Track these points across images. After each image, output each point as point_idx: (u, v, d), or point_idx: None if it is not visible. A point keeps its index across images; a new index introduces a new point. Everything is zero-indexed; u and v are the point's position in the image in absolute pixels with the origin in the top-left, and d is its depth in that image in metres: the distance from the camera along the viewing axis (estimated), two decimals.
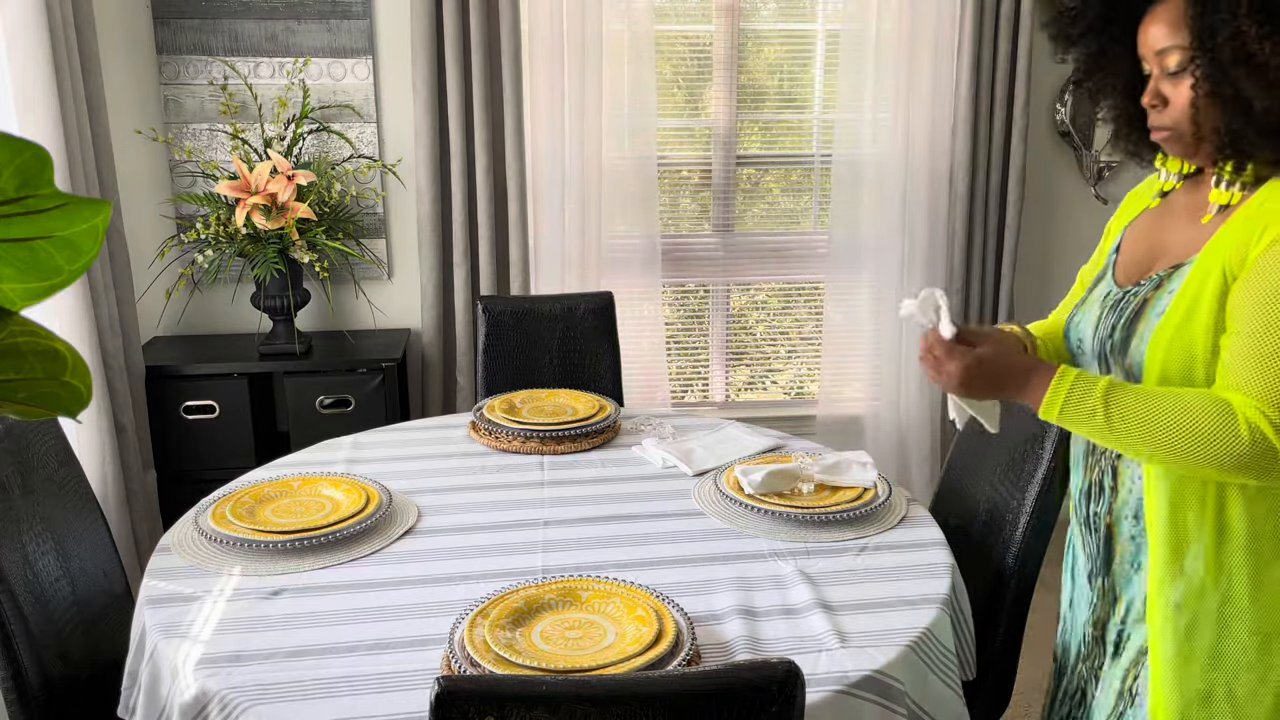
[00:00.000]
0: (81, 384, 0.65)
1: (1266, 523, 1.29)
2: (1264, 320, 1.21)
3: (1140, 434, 1.25)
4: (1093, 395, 1.28)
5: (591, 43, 3.14)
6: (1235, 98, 1.21)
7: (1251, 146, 1.23)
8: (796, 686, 1.10)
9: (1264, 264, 1.21)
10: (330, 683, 1.38)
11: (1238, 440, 1.20)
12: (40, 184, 0.57)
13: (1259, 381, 1.20)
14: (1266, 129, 1.21)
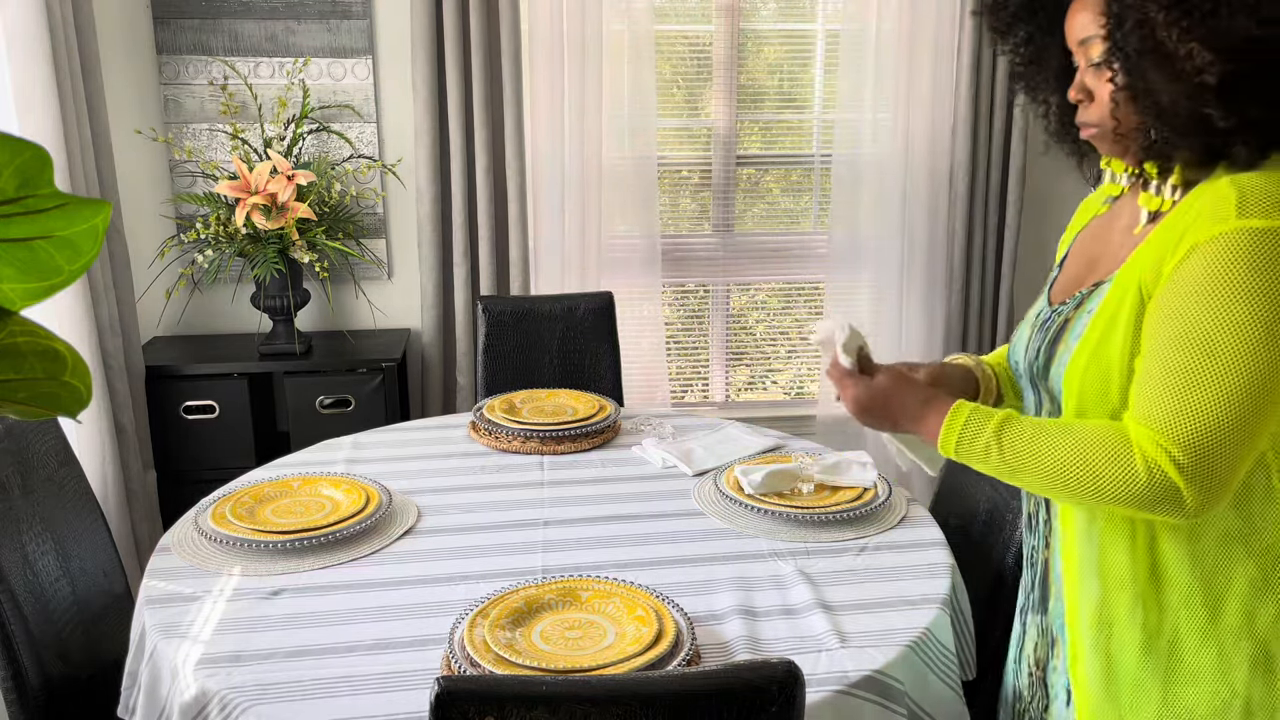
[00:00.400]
0: (81, 384, 0.65)
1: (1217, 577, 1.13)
2: (1173, 342, 1.08)
3: (1036, 472, 1.14)
4: (985, 431, 1.18)
5: (591, 43, 3.14)
6: (1145, 91, 1.09)
7: (1168, 145, 1.11)
8: (797, 686, 1.10)
9: (1177, 278, 1.09)
10: (330, 683, 1.38)
11: (1134, 478, 1.07)
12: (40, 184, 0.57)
13: (1163, 411, 1.07)
14: (1180, 126, 1.09)
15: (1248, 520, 1.11)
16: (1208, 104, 1.06)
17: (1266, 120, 1.06)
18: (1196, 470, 1.05)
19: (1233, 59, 1.03)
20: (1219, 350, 1.04)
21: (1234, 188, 1.06)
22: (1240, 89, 1.04)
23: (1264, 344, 1.03)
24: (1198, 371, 1.05)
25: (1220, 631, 1.12)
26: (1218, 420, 1.04)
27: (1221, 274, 1.05)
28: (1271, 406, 1.05)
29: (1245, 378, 1.03)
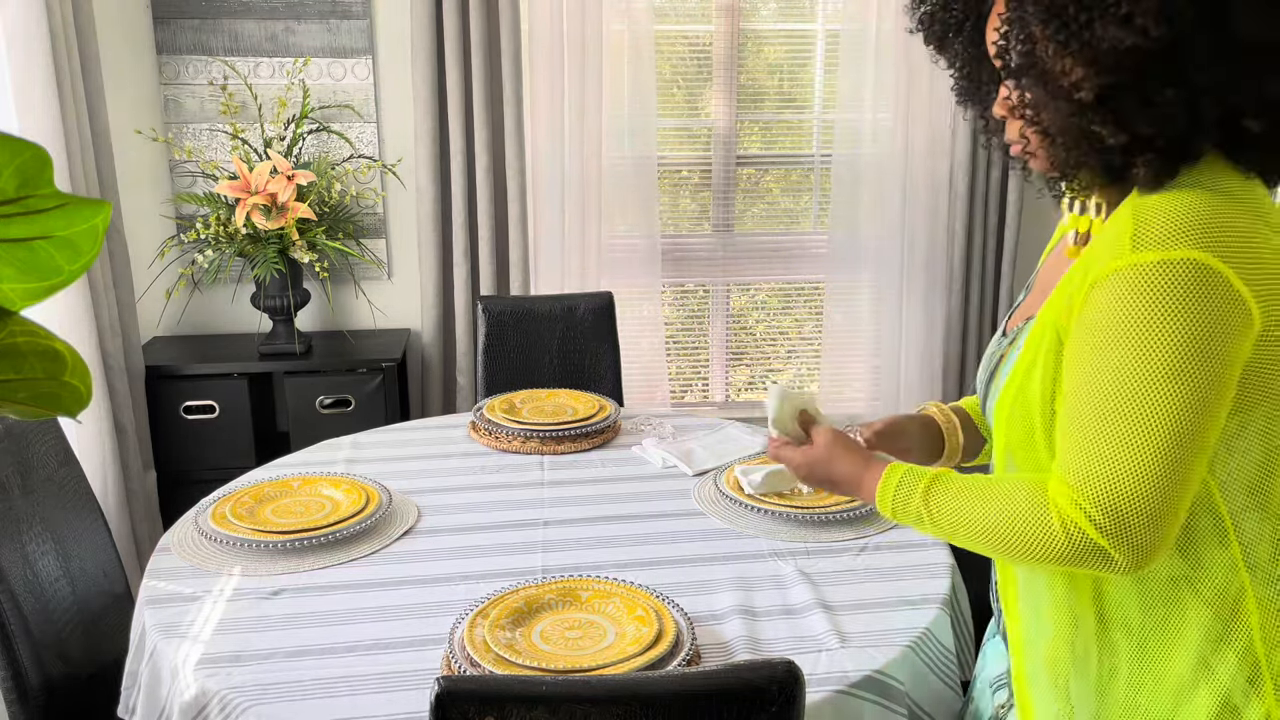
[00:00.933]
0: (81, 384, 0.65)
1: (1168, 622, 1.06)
2: (1079, 391, 1.02)
3: (966, 534, 1.10)
4: (916, 495, 1.14)
5: (591, 43, 3.14)
6: (1034, 109, 1.04)
7: (1068, 165, 1.05)
8: (797, 686, 1.10)
9: (1081, 320, 1.02)
10: (330, 683, 1.38)
11: (1054, 540, 1.01)
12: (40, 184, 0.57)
13: (1076, 467, 1.00)
14: (1072, 144, 1.02)
15: (1195, 564, 1.04)
16: (1093, 121, 1.00)
17: (1159, 136, 0.99)
18: (1116, 529, 0.98)
19: (1107, 73, 0.97)
20: (1124, 400, 0.98)
21: (1132, 217, 0.99)
22: (1121, 104, 0.98)
23: (1171, 388, 0.96)
24: (1105, 424, 0.99)
25: (1176, 680, 1.05)
26: (1130, 476, 0.97)
27: (1118, 315, 0.98)
28: (1192, 450, 0.97)
29: (1155, 427, 0.97)
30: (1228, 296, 0.95)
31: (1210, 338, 0.95)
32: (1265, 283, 0.97)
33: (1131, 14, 0.94)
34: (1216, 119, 0.99)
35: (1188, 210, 0.97)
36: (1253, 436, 1.02)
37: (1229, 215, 0.97)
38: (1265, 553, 1.04)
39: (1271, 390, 1.01)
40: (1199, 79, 0.96)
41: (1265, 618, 1.04)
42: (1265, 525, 1.04)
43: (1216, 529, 1.04)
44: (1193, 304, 0.95)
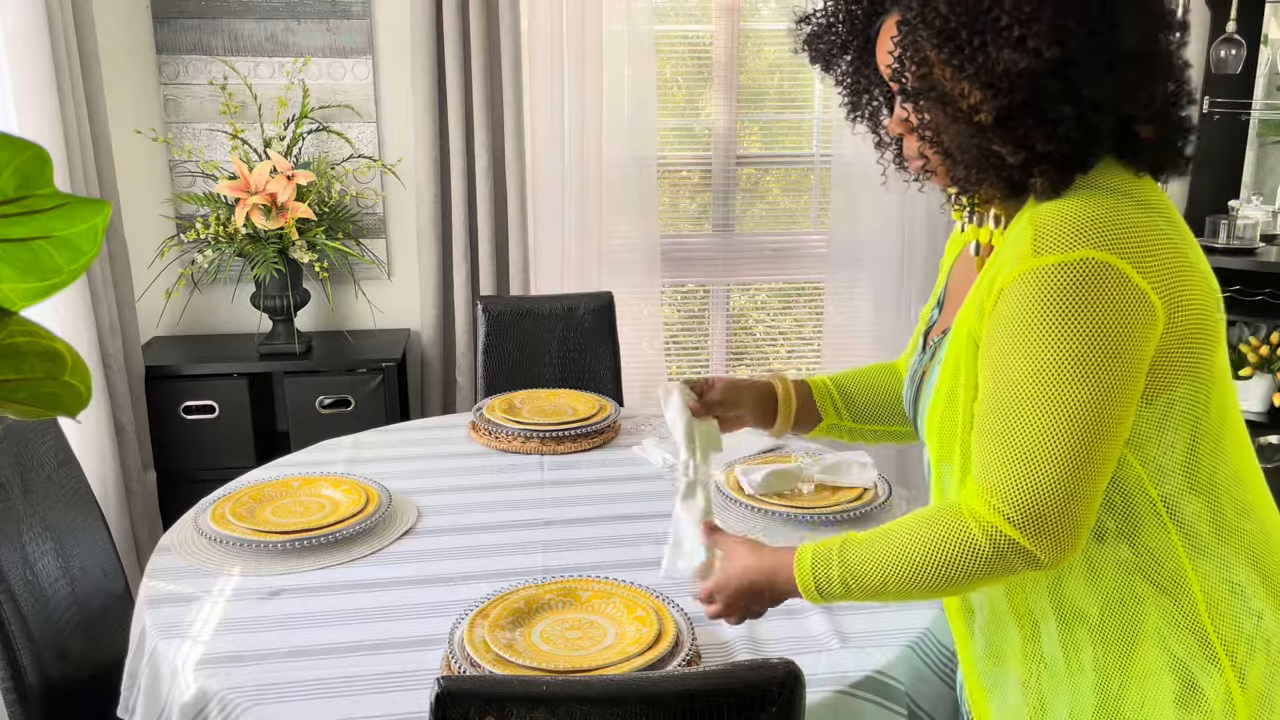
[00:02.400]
0: (81, 384, 0.65)
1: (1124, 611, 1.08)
2: (990, 396, 1.04)
3: (897, 582, 1.09)
4: (833, 563, 1.13)
5: (591, 43, 3.14)
6: (934, 130, 1.06)
7: (968, 181, 1.08)
8: (797, 686, 1.10)
9: (990, 327, 1.05)
10: (330, 683, 1.38)
11: (978, 550, 1.03)
12: (40, 184, 0.57)
13: (989, 469, 1.03)
14: (972, 163, 1.05)
15: (1142, 552, 1.07)
16: (992, 142, 1.02)
17: (1057, 151, 1.02)
18: (1032, 524, 1.01)
19: (1004, 94, 0.99)
20: (1031, 399, 1.00)
21: (1031, 224, 1.02)
22: (1020, 124, 1.01)
23: (1076, 383, 0.99)
24: (1014, 425, 1.01)
25: (1141, 668, 1.07)
26: (1041, 472, 1.00)
27: (1023, 318, 1.01)
28: (1102, 442, 1.00)
29: (1063, 423, 0.99)
30: (1127, 291, 0.98)
31: (1113, 332, 0.98)
32: (1163, 274, 1.00)
33: (1024, 37, 0.96)
34: (1110, 129, 1.03)
35: (1084, 213, 1.00)
36: (1180, 418, 1.05)
37: (1124, 214, 1.01)
38: (1205, 530, 1.07)
39: (1189, 371, 1.04)
40: (1092, 94, 0.99)
41: (1209, 593, 1.06)
42: (1202, 503, 1.07)
43: (1154, 514, 1.06)
44: (1093, 301, 0.98)
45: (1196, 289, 1.03)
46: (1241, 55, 3.38)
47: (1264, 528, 1.11)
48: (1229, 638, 1.06)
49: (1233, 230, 3.46)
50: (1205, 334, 1.04)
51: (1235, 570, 1.07)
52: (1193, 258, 1.04)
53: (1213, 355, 1.05)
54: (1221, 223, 3.48)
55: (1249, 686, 1.05)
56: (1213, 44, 3.43)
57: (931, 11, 1.00)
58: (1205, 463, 1.07)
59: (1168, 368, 1.03)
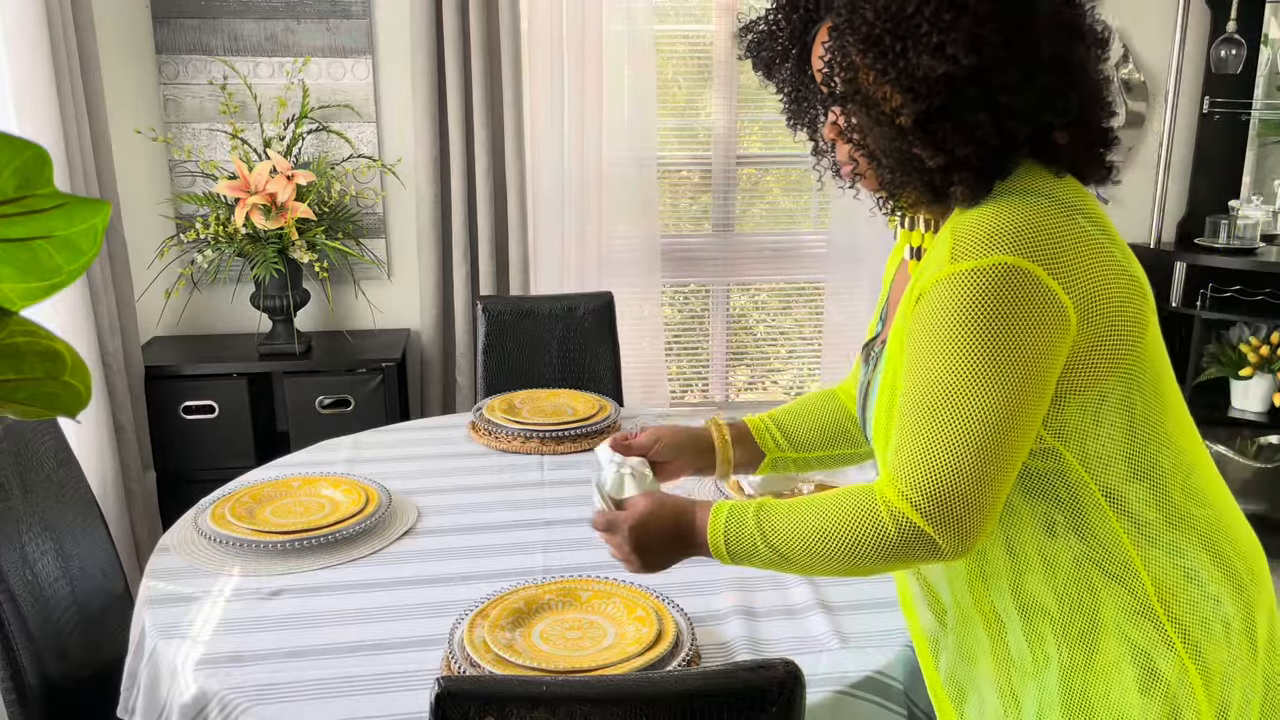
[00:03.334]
0: (81, 384, 0.65)
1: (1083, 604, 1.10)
2: (908, 394, 1.08)
3: (802, 551, 1.12)
4: (747, 525, 1.15)
5: (591, 43, 3.14)
6: (859, 134, 1.10)
7: (893, 185, 1.12)
8: (797, 687, 1.10)
9: (911, 329, 1.09)
10: (330, 683, 1.38)
11: (884, 533, 1.06)
12: (40, 184, 0.57)
13: (902, 459, 1.07)
14: (896, 166, 1.09)
15: (1092, 543, 1.09)
16: (913, 145, 1.06)
17: (974, 156, 1.05)
18: (937, 513, 1.04)
19: (924, 99, 1.03)
20: (942, 397, 1.04)
21: (951, 233, 1.06)
22: (938, 128, 1.04)
23: (986, 384, 1.03)
24: (929, 420, 1.05)
25: (1104, 658, 1.09)
26: (950, 463, 1.03)
27: (939, 321, 1.05)
28: (1009, 437, 1.04)
29: (970, 418, 1.03)
30: (1038, 293, 1.02)
31: (1023, 335, 1.02)
32: (1078, 274, 1.04)
33: (943, 43, 1.01)
34: (1027, 136, 1.06)
35: (999, 219, 1.04)
36: (1115, 409, 1.08)
37: (1040, 217, 1.04)
38: (1154, 517, 1.09)
39: (1116, 363, 1.07)
40: (1008, 101, 1.03)
41: (1163, 580, 1.08)
42: (1148, 491, 1.09)
43: (1100, 506, 1.09)
44: (1003, 303, 1.02)
45: (1116, 284, 1.06)
46: (1242, 55, 3.38)
47: (1216, 512, 1.13)
48: (1187, 623, 1.08)
49: (1233, 230, 3.46)
50: (1128, 326, 1.07)
51: (1189, 556, 1.09)
52: (1117, 253, 1.08)
53: (1140, 345, 1.08)
54: (1221, 223, 3.48)
55: (1210, 670, 1.08)
56: (1213, 44, 3.43)
57: (859, 18, 1.04)
58: (1147, 450, 1.09)
59: (1091, 363, 1.06)
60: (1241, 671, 1.10)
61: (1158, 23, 3.50)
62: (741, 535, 1.15)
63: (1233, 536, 1.13)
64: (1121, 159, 3.60)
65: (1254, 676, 1.11)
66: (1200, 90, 3.56)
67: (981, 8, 1.01)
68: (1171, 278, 3.52)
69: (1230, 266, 3.38)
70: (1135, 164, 3.63)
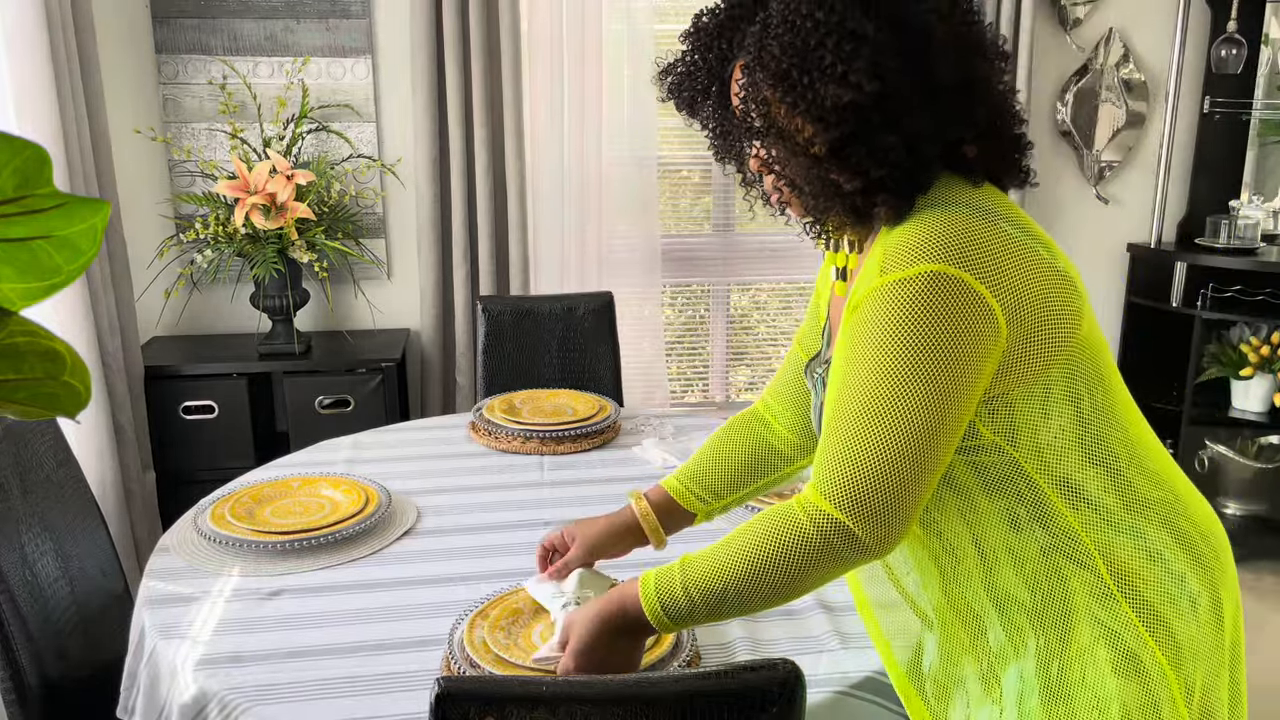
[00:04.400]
0: (80, 384, 0.64)
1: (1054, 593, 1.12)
2: (833, 402, 1.11)
3: (738, 591, 1.12)
4: (675, 585, 1.16)
5: (591, 43, 3.14)
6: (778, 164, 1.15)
7: (817, 210, 1.16)
8: (797, 687, 1.10)
9: (843, 342, 1.12)
10: (330, 684, 1.38)
11: (803, 530, 1.09)
12: (39, 183, 0.57)
13: (825, 464, 1.09)
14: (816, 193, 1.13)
15: (1056, 532, 1.11)
16: (829, 171, 1.10)
17: (889, 177, 1.09)
18: (854, 505, 1.06)
19: (834, 127, 1.07)
20: (871, 402, 1.07)
21: (881, 248, 1.10)
22: (851, 154, 1.08)
23: (912, 388, 1.05)
24: (853, 424, 1.08)
25: (1078, 645, 1.11)
26: (871, 460, 1.06)
27: (867, 330, 1.08)
28: (934, 441, 1.06)
29: (897, 422, 1.06)
30: (964, 297, 1.05)
31: (950, 339, 1.05)
32: (1004, 277, 1.07)
33: (846, 72, 1.05)
34: (938, 154, 1.10)
35: (925, 231, 1.08)
36: (1061, 398, 1.11)
37: (964, 225, 1.08)
38: (1113, 502, 1.12)
39: (1053, 356, 1.10)
40: (915, 123, 1.07)
41: (1128, 562, 1.11)
42: (1104, 475, 1.12)
43: (1059, 495, 1.12)
44: (932, 310, 1.05)
45: (1043, 280, 1.09)
46: (1242, 55, 3.38)
47: (1174, 493, 1.16)
48: (1155, 603, 1.10)
49: (1233, 230, 3.46)
50: (1061, 319, 1.10)
51: (1151, 538, 1.12)
52: (1042, 251, 1.11)
53: (1076, 335, 1.11)
54: (1222, 223, 3.48)
55: (1180, 647, 1.10)
56: (1213, 44, 3.43)
57: (767, 54, 1.09)
58: (1099, 436, 1.12)
59: (1028, 359, 1.09)
60: (1209, 647, 1.12)
61: (1158, 23, 3.50)
62: (675, 599, 1.16)
63: (1191, 515, 1.16)
64: (1120, 159, 3.60)
65: (1222, 651, 1.14)
66: (1200, 90, 3.56)
67: (880, 37, 1.05)
68: (1172, 278, 3.52)
69: (1230, 266, 3.38)
70: (1135, 164, 3.63)
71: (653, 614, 1.18)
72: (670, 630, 1.19)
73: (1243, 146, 3.60)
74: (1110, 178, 3.62)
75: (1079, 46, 3.49)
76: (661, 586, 1.18)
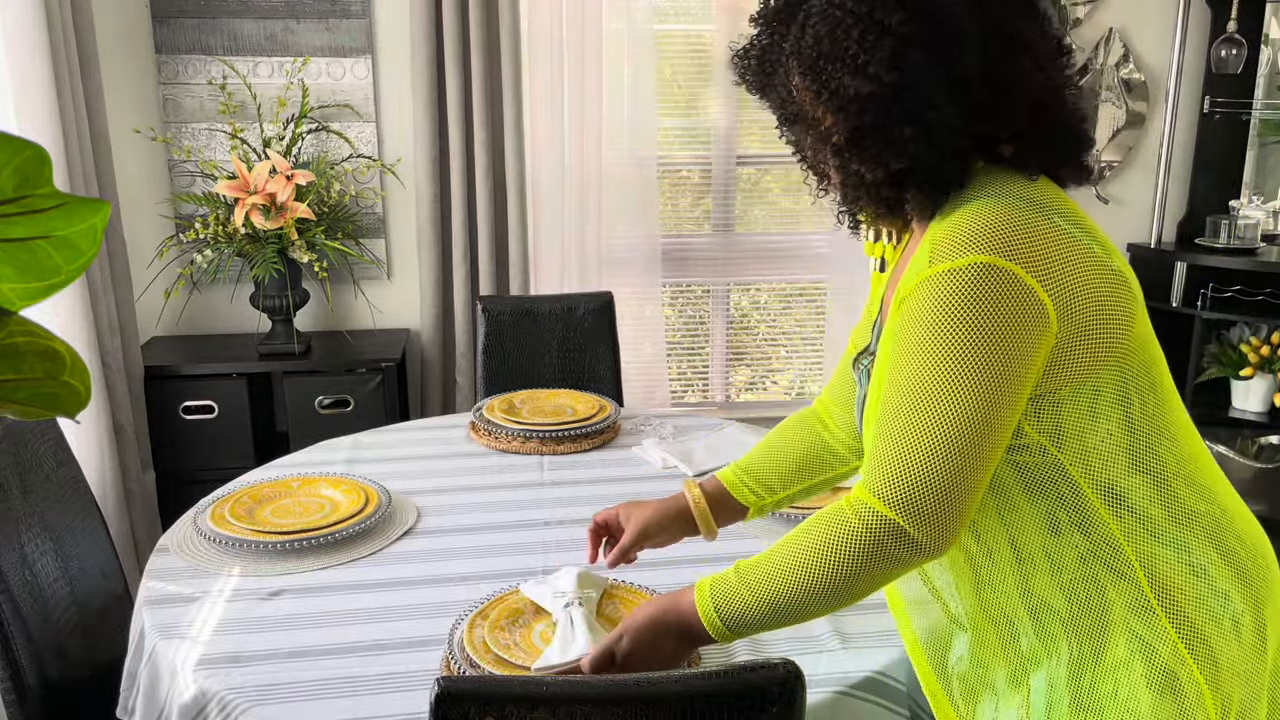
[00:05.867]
0: (80, 384, 0.64)
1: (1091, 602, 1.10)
2: (887, 398, 1.09)
3: (790, 595, 1.10)
4: (730, 587, 1.14)
5: (591, 43, 3.14)
6: (809, 154, 1.17)
7: (846, 200, 1.17)
8: (797, 687, 1.10)
9: (892, 334, 1.11)
10: (330, 684, 1.38)
11: (852, 530, 1.06)
12: (39, 183, 0.57)
13: (875, 463, 1.07)
14: (842, 183, 1.14)
15: (1097, 540, 1.09)
16: (851, 160, 1.11)
17: (913, 170, 1.09)
18: (905, 504, 1.05)
19: (854, 117, 1.08)
20: (920, 397, 1.05)
21: (929, 239, 1.09)
22: (870, 144, 1.09)
23: (961, 381, 1.04)
24: (903, 421, 1.06)
25: (1112, 656, 1.09)
26: (922, 457, 1.04)
27: (916, 323, 1.07)
28: (985, 436, 1.04)
29: (947, 417, 1.04)
30: (1015, 290, 1.03)
31: (1000, 332, 1.03)
32: (1055, 271, 1.05)
33: (867, 63, 1.05)
34: (967, 148, 1.09)
35: (975, 221, 1.06)
36: (1111, 402, 1.08)
37: (1015, 217, 1.06)
38: (1158, 513, 1.09)
39: (1104, 356, 1.07)
40: (936, 117, 1.06)
41: (1170, 576, 1.08)
42: (1151, 485, 1.09)
43: (1103, 502, 1.09)
44: (979, 301, 1.03)
45: (1096, 278, 1.07)
46: (1242, 55, 3.38)
47: (1221, 508, 1.13)
48: (1196, 619, 1.07)
49: (1233, 230, 3.46)
50: (1113, 319, 1.07)
51: (1196, 552, 1.09)
52: (1097, 249, 1.09)
53: (1128, 337, 1.09)
54: (1222, 223, 3.48)
55: (1219, 666, 1.07)
56: (1213, 44, 3.43)
57: (802, 42, 1.10)
58: (1148, 444, 1.10)
59: (1077, 358, 1.07)
60: (1250, 668, 1.09)
61: (1158, 23, 3.50)
62: (731, 601, 1.14)
63: (1239, 531, 1.13)
64: (1120, 159, 3.60)
65: (1263, 673, 1.11)
66: (1200, 90, 3.56)
67: (906, 29, 1.04)
68: (1172, 278, 3.52)
69: (1230, 266, 3.38)
70: (1135, 164, 3.63)
71: (705, 615, 1.16)
72: (726, 639, 1.17)
73: (1243, 146, 3.60)
74: (1110, 178, 3.61)
75: (1079, 46, 3.49)
76: (717, 589, 1.16)
